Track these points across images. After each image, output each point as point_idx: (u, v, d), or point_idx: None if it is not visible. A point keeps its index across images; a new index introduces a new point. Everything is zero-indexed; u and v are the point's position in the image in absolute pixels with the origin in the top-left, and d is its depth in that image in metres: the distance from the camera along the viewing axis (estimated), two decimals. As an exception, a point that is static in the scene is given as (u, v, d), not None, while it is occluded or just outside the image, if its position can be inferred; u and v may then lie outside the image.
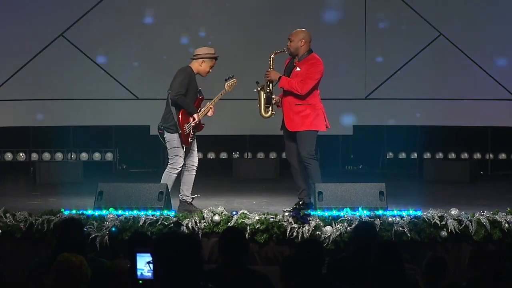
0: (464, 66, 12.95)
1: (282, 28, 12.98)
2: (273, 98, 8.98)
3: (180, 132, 8.81)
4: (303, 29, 9.04)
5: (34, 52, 12.94)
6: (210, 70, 8.99)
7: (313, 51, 8.94)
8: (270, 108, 9.01)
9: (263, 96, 8.97)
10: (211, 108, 9.01)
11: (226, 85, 9.16)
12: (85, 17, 12.95)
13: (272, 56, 8.97)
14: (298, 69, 8.85)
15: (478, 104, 13.07)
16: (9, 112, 13.07)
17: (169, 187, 8.77)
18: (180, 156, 8.89)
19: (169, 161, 8.97)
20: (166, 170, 8.97)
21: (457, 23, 12.99)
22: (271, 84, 8.98)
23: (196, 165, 9.06)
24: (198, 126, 9.01)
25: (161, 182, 8.89)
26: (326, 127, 8.90)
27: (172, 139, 8.88)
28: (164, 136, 8.92)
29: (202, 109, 9.01)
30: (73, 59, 12.95)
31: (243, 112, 13.11)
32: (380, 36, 13.04)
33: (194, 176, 9.03)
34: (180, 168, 8.92)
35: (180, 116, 8.81)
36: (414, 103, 13.11)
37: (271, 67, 8.97)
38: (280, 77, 8.86)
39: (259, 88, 8.99)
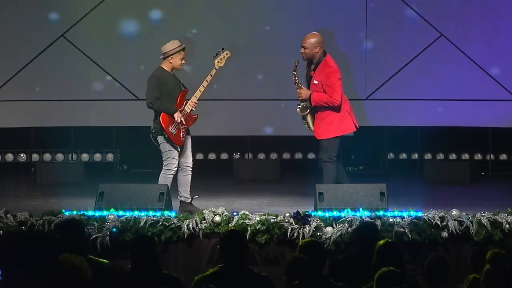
0: (465, 67, 12.94)
1: (282, 28, 13.01)
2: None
3: (167, 136, 8.82)
4: (315, 33, 9.06)
5: (35, 53, 12.93)
6: (183, 62, 8.96)
7: (327, 52, 8.97)
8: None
9: (309, 116, 9.02)
10: (195, 97, 8.94)
11: (215, 62, 9.08)
12: (86, 17, 12.95)
13: (294, 73, 8.98)
14: (315, 82, 8.92)
15: (478, 104, 13.06)
16: (9, 112, 13.06)
17: None
18: (173, 157, 8.90)
19: (163, 162, 8.98)
20: (161, 172, 8.99)
21: (458, 23, 12.98)
22: (307, 101, 9.02)
23: (190, 166, 9.03)
24: (190, 119, 8.97)
25: (158, 183, 8.90)
26: (356, 127, 8.99)
27: (163, 141, 8.90)
28: (157, 139, 8.93)
29: (189, 101, 8.97)
30: (74, 59, 12.94)
31: (243, 113, 13.11)
32: (380, 36, 13.03)
33: (189, 176, 9.03)
34: (175, 169, 8.92)
35: (162, 121, 8.81)
36: (415, 103, 13.10)
37: (298, 83, 8.98)
38: (311, 95, 8.89)
39: (299, 109, 9.01)
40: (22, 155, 13.83)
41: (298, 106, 9.05)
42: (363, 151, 13.91)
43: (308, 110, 9.02)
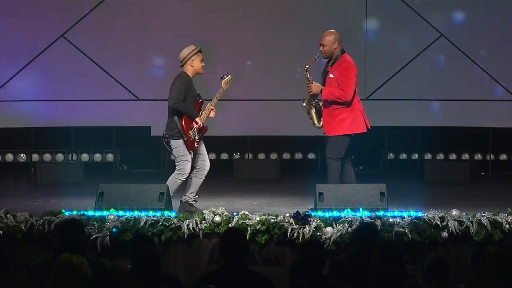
0: (465, 67, 12.95)
1: (283, 28, 13.02)
2: (322, 107, 9.02)
3: (185, 139, 8.81)
4: (332, 30, 9.07)
5: (35, 53, 12.94)
6: (203, 64, 9.00)
7: (345, 51, 8.98)
8: (322, 118, 9.05)
9: (313, 111, 9.01)
10: (212, 109, 9.01)
11: (222, 83, 9.16)
12: (86, 18, 12.96)
13: (307, 68, 8.97)
14: (331, 75, 8.91)
15: (478, 104, 13.07)
16: (10, 113, 13.07)
17: (172, 191, 8.76)
18: (188, 161, 8.87)
19: (177, 167, 8.92)
20: (173, 175, 8.92)
21: (458, 23, 12.99)
22: (315, 98, 9.01)
23: (207, 169, 9.01)
24: (202, 129, 8.99)
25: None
26: (367, 128, 8.98)
27: (178, 146, 8.86)
28: (170, 143, 8.91)
29: (203, 112, 9.01)
30: (73, 60, 12.95)
31: (244, 113, 13.12)
32: (380, 37, 13.04)
33: (202, 180, 9.01)
34: (187, 174, 8.90)
35: (183, 123, 8.80)
36: (415, 104, 13.11)
37: (310, 78, 8.98)
38: (322, 90, 8.89)
39: (304, 104, 9.02)
40: (22, 155, 13.84)
41: (304, 101, 9.06)
42: (363, 151, 13.92)
43: (313, 105, 9.02)
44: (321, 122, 9.05)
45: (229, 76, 9.23)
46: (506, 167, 13.76)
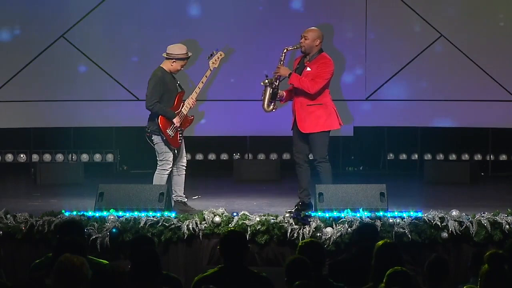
0: (465, 67, 12.94)
1: (282, 28, 13.00)
2: (278, 94, 9.04)
3: (164, 138, 8.84)
4: (317, 28, 9.07)
5: (35, 53, 12.93)
6: (181, 69, 9.03)
7: (323, 50, 8.99)
8: (273, 103, 9.07)
9: (269, 90, 9.04)
10: (191, 98, 9.01)
11: (210, 63, 9.12)
12: (85, 18, 12.95)
13: (285, 51, 8.99)
14: (308, 69, 8.91)
15: (478, 105, 13.06)
16: (9, 113, 13.06)
17: None
18: (169, 158, 8.92)
19: (158, 162, 8.99)
20: (156, 172, 9.00)
21: (458, 23, 12.98)
22: (278, 80, 9.02)
23: (185, 165, 9.11)
24: (186, 121, 9.01)
25: (153, 183, 8.93)
26: (340, 125, 8.99)
27: (159, 141, 8.92)
28: (152, 138, 8.96)
29: (185, 103, 9.00)
30: (74, 60, 12.94)
31: (244, 113, 13.11)
32: (380, 37, 13.03)
33: (184, 176, 9.08)
34: (170, 169, 8.95)
35: (160, 123, 8.84)
36: (415, 104, 13.10)
37: (282, 62, 9.00)
38: (290, 74, 8.89)
39: (266, 81, 9.04)
40: (22, 155, 13.83)
41: (267, 78, 9.08)
42: (363, 151, 13.93)
43: (272, 86, 9.03)
44: (270, 107, 9.07)
45: (219, 52, 9.15)
46: (506, 167, 13.76)
